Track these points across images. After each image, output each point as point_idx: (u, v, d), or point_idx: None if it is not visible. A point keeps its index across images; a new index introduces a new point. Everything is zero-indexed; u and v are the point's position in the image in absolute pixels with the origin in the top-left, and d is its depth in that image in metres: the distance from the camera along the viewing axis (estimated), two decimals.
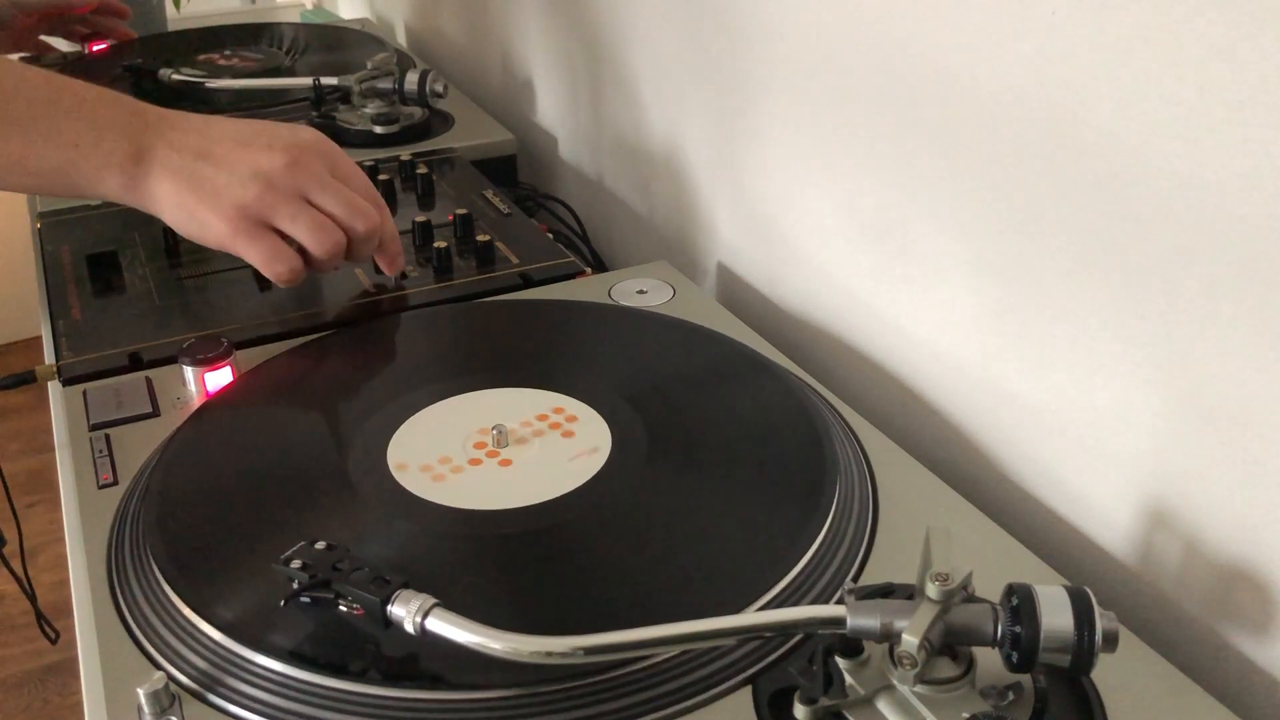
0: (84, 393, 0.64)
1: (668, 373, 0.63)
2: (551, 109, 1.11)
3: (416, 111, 1.06)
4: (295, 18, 1.91)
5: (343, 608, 0.43)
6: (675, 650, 0.43)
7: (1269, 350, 0.44)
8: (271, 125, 0.69)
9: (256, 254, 0.66)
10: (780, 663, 0.45)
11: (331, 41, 1.36)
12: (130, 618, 0.48)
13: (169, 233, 0.82)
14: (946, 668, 0.40)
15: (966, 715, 0.39)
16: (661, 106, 0.88)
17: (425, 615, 0.41)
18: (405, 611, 0.42)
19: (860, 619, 0.39)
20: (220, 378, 0.64)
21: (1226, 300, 0.45)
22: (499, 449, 0.57)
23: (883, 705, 0.41)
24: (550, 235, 0.85)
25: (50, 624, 0.79)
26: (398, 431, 0.58)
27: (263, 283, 0.77)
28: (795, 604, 0.47)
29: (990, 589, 0.41)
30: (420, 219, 0.82)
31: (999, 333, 0.58)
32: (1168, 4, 0.44)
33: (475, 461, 0.56)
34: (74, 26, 1.30)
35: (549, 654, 0.40)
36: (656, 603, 0.47)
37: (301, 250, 0.67)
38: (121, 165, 0.63)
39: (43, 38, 1.31)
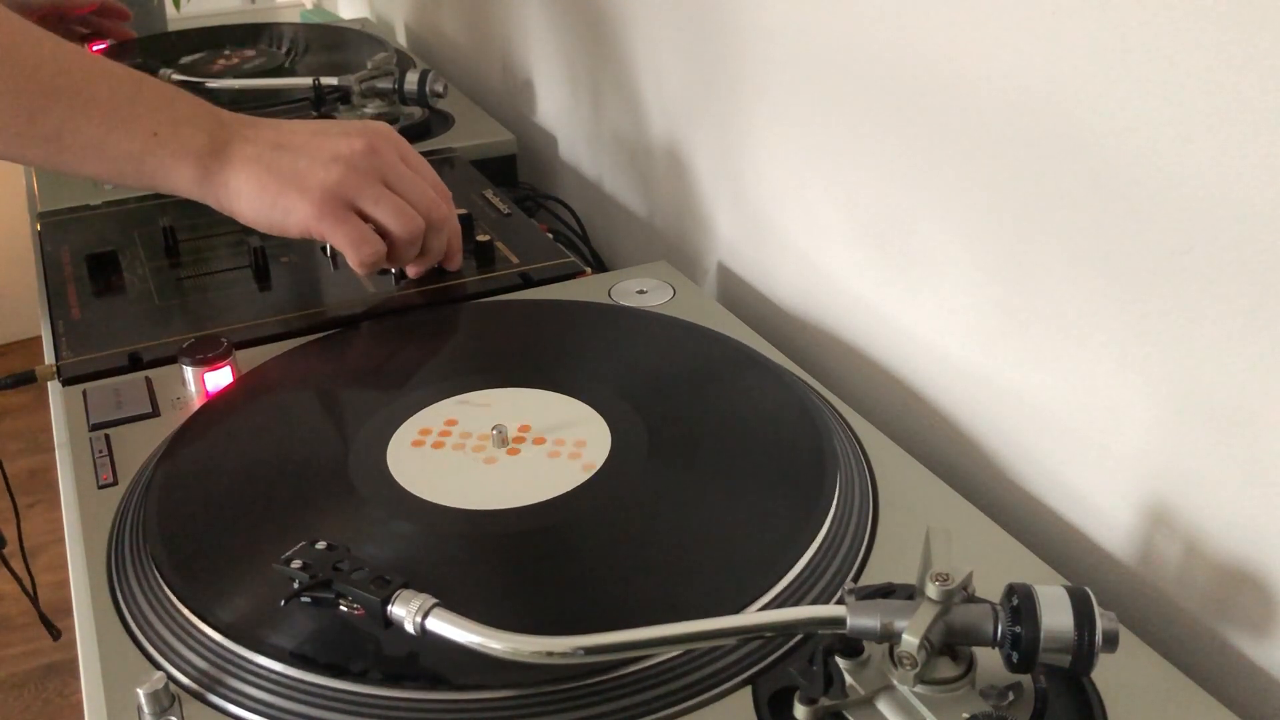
0: (84, 393, 0.64)
1: (668, 373, 0.63)
2: (551, 109, 1.11)
3: (416, 111, 1.06)
4: (295, 18, 1.91)
5: (343, 608, 0.43)
6: (676, 650, 0.43)
7: (1269, 350, 0.44)
8: (341, 120, 0.69)
9: (343, 236, 0.66)
10: (780, 663, 0.45)
11: (331, 41, 1.36)
12: (130, 618, 0.48)
13: (169, 232, 0.82)
14: (946, 668, 0.40)
15: (966, 715, 0.39)
16: (661, 106, 0.88)
17: (425, 615, 0.41)
18: (405, 611, 0.42)
19: (860, 619, 0.39)
20: (220, 378, 0.64)
21: (1227, 300, 0.45)
22: (499, 449, 0.57)
23: (883, 705, 0.41)
24: (550, 235, 0.85)
25: (51, 622, 0.79)
26: (398, 431, 0.58)
27: (263, 282, 0.77)
28: (795, 604, 0.47)
29: (990, 589, 0.41)
30: None
31: (999, 332, 0.58)
32: (1168, 4, 0.44)
33: (474, 459, 0.56)
34: (74, 26, 1.30)
35: (549, 654, 0.40)
36: (657, 603, 0.47)
37: (382, 236, 0.68)
38: (198, 156, 0.64)
39: None
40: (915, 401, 0.66)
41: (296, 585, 0.44)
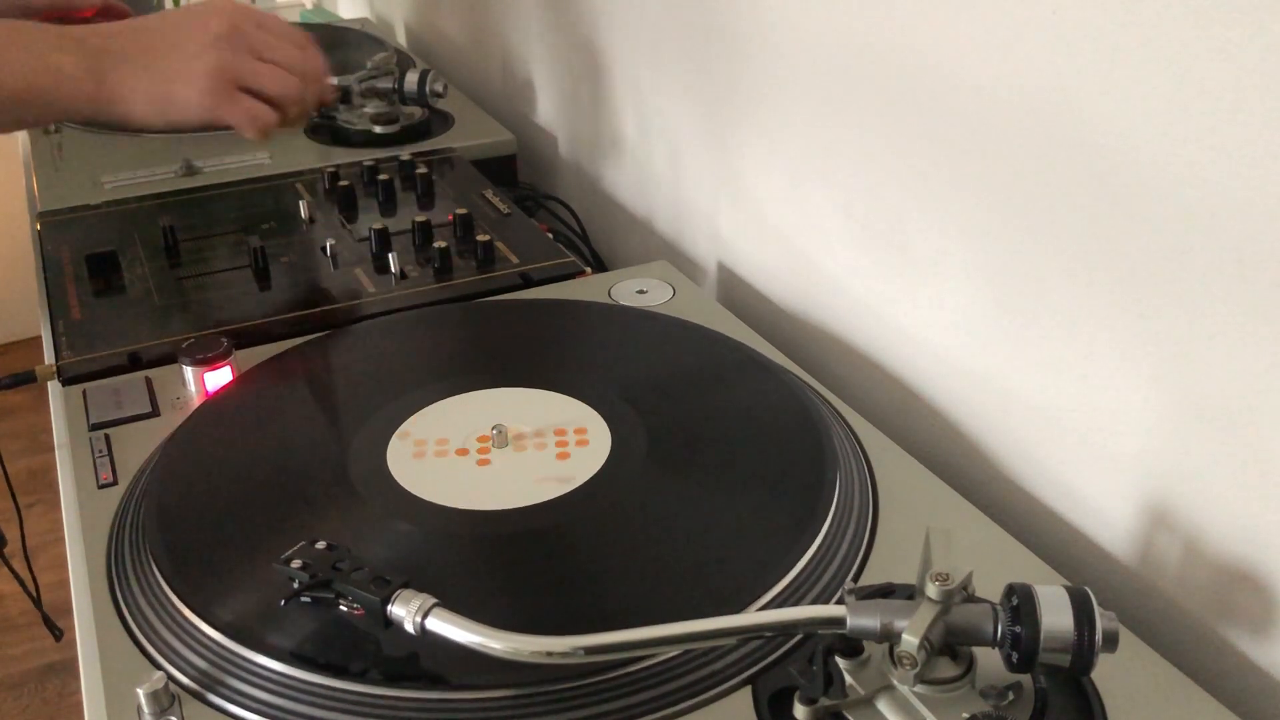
0: (84, 392, 0.64)
1: (668, 373, 0.63)
2: (551, 109, 1.11)
3: (416, 111, 1.06)
4: (295, 18, 1.91)
5: (343, 607, 0.43)
6: (676, 650, 0.43)
7: (1269, 350, 0.44)
8: (185, 7, 0.76)
9: (240, 113, 0.72)
10: (780, 663, 0.45)
11: (331, 41, 1.36)
12: (130, 618, 0.48)
13: (169, 232, 0.82)
14: (946, 668, 0.40)
15: (966, 715, 0.39)
16: (661, 106, 0.88)
17: (425, 615, 0.41)
18: (405, 611, 0.42)
19: (860, 619, 0.39)
20: (220, 378, 0.64)
21: (1226, 300, 0.45)
22: (499, 449, 0.57)
23: (883, 705, 0.41)
24: (550, 235, 0.85)
25: (53, 622, 0.79)
26: (398, 431, 0.58)
27: (263, 282, 0.77)
28: (795, 604, 0.47)
29: (990, 589, 0.41)
30: (420, 219, 0.82)
31: (999, 332, 0.58)
32: (1168, 4, 0.44)
33: (473, 459, 0.56)
34: (72, 16, 1.32)
35: (549, 653, 0.40)
36: (657, 602, 0.47)
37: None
38: (80, 79, 0.68)
39: None
40: (915, 401, 0.66)
41: (296, 585, 0.44)
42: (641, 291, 0.75)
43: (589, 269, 0.79)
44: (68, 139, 1.05)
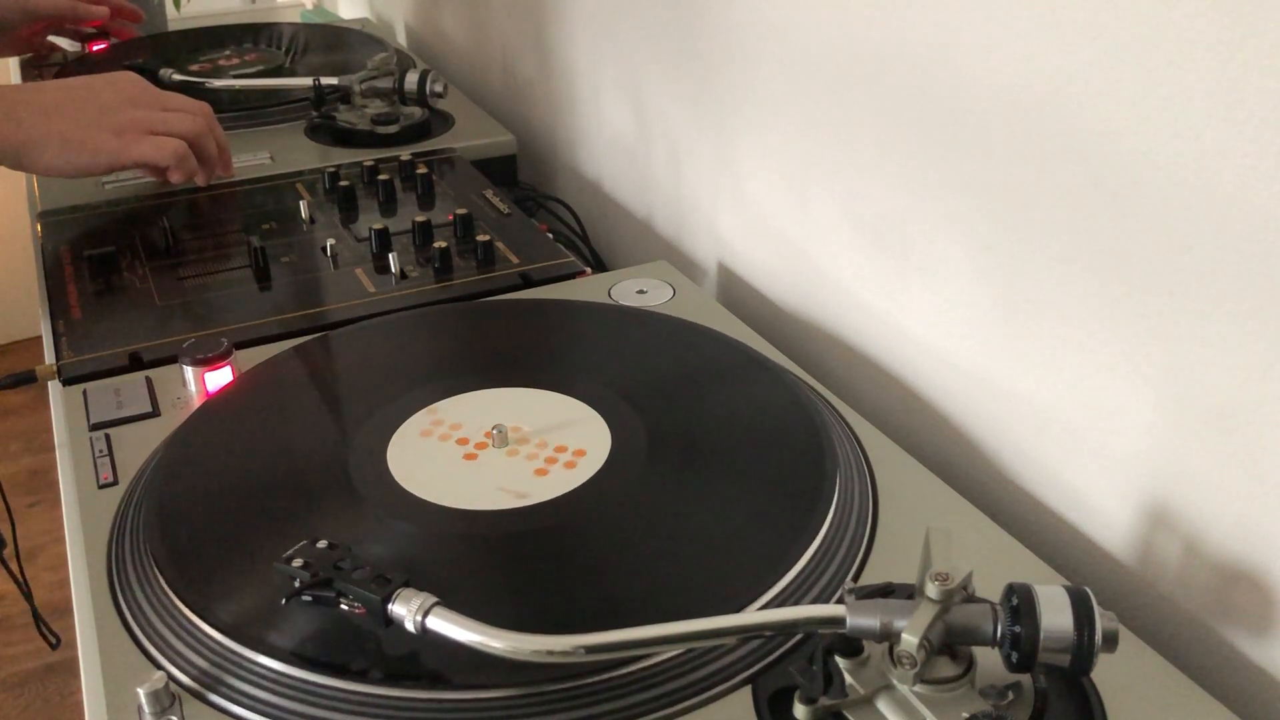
0: (84, 392, 0.64)
1: (668, 373, 0.63)
2: (551, 109, 1.11)
3: (416, 111, 1.06)
4: (295, 18, 1.91)
5: (344, 606, 0.43)
6: (676, 649, 0.43)
7: (1268, 350, 0.44)
8: (88, 76, 0.85)
9: (158, 151, 0.83)
10: (780, 663, 0.45)
11: (331, 41, 1.36)
12: (130, 617, 0.48)
13: (169, 233, 0.82)
14: (946, 667, 0.40)
15: (966, 715, 0.39)
16: (661, 106, 0.88)
17: (426, 614, 0.41)
18: (406, 610, 0.42)
19: (860, 619, 0.39)
20: (220, 378, 0.64)
21: (1226, 299, 0.45)
22: (499, 449, 0.57)
23: (882, 705, 0.41)
24: (550, 235, 0.85)
25: (50, 629, 0.79)
26: (398, 431, 0.58)
27: (263, 282, 0.77)
28: (795, 604, 0.47)
29: (990, 589, 0.41)
30: (420, 219, 0.83)
31: (999, 332, 0.58)
32: (1168, 3, 0.44)
33: (474, 459, 0.56)
34: (82, 26, 1.33)
35: (550, 652, 0.40)
36: (657, 602, 0.47)
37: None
38: (3, 120, 0.77)
39: (51, 38, 1.34)
40: (915, 401, 0.66)
41: (297, 584, 0.44)
42: (641, 291, 0.75)
43: (589, 269, 0.79)
44: None
